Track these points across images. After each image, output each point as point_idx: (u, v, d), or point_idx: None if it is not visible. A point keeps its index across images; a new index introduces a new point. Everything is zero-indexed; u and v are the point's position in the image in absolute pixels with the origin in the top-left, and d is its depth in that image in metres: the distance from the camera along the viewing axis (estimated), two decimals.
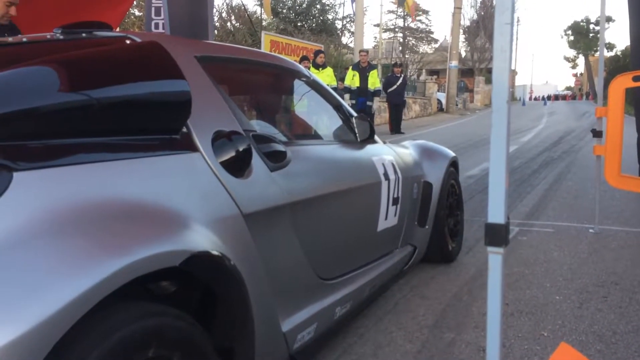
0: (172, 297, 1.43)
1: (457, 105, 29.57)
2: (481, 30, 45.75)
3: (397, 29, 44.78)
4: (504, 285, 1.27)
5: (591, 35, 54.26)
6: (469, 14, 46.22)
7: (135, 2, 15.69)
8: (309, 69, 10.95)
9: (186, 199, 1.42)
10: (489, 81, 45.56)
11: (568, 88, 78.74)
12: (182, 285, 1.45)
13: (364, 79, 11.83)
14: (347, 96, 11.55)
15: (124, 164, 1.33)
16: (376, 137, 2.80)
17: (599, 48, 4.47)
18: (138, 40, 1.76)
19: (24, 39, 1.99)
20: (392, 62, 19.80)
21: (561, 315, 2.56)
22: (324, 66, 11.50)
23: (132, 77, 1.48)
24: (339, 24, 30.31)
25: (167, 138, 1.50)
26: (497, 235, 1.24)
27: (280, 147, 1.84)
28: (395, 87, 14.57)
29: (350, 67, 12.17)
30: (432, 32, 47.64)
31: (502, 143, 1.23)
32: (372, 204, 2.49)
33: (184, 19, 6.75)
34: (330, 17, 29.81)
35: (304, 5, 27.14)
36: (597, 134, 4.02)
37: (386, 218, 2.60)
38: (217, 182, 1.55)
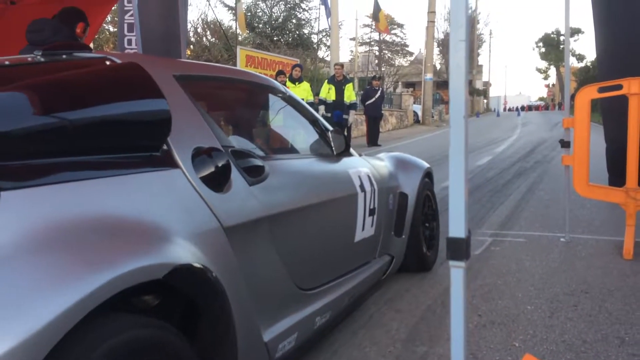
0: (156, 310, 1.47)
1: (432, 117, 29.90)
2: None
3: (372, 43, 45.32)
4: (467, 299, 1.28)
5: (562, 46, 55.54)
6: (442, 27, 46.97)
7: (109, 18, 15.60)
8: (285, 83, 10.97)
9: (168, 214, 1.47)
10: None
11: (541, 98, 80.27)
12: (166, 298, 1.48)
13: (339, 92, 11.89)
14: (321, 108, 11.58)
15: (107, 182, 1.38)
16: (352, 150, 2.87)
17: (565, 60, 4.58)
18: (117, 61, 1.82)
19: (7, 62, 2.00)
20: (371, 75, 19.95)
21: (532, 325, 2.59)
22: (300, 80, 11.56)
23: (114, 97, 1.55)
24: (315, 38, 30.51)
25: (149, 155, 1.56)
26: (458, 249, 1.25)
27: (259, 162, 1.91)
28: (373, 100, 14.70)
29: (326, 81, 12.21)
30: (407, 45, 48.40)
31: (461, 158, 1.24)
32: (349, 215, 2.56)
33: (156, 35, 6.72)
34: (306, 31, 29.95)
35: (280, 20, 27.25)
36: (565, 144, 4.10)
37: (363, 229, 2.67)
38: (197, 197, 1.60)
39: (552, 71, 63.80)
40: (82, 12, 3.74)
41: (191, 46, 17.91)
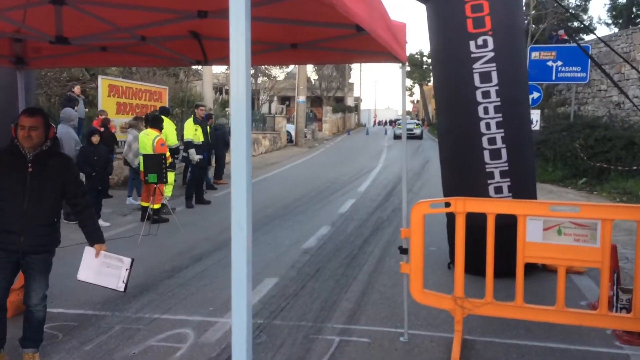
0: None
1: (306, 136, 30.61)
2: None
3: None
4: None
5: (424, 66, 59.87)
6: None
7: None
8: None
9: None
10: (336, 110, 47.90)
11: (407, 112, 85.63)
12: None
13: (205, 132, 11.52)
14: (192, 152, 10.84)
15: None
16: None
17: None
18: None
19: None
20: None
21: None
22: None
23: None
24: None
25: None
26: None
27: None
28: None
29: (191, 121, 11.36)
30: None
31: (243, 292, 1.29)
32: None
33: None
34: None
35: None
36: (403, 251, 4.42)
37: None
38: None
39: (417, 89, 68.38)
40: None
41: None
